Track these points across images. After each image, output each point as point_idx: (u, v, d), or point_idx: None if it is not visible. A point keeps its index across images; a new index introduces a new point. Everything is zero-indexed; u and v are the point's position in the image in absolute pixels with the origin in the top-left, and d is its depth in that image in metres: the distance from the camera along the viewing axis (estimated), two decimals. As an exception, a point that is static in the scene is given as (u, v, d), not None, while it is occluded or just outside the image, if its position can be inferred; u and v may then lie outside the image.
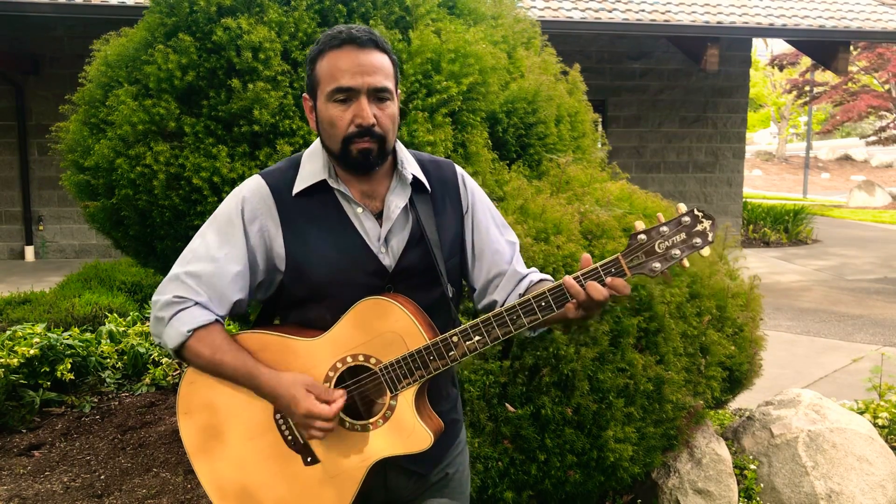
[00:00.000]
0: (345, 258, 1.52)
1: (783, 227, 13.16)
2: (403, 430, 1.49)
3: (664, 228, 1.40)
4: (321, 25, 3.04)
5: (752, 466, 3.18)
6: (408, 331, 1.48)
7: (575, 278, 1.42)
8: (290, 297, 1.57)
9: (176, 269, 1.53)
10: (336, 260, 1.52)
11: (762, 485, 3.14)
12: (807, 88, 26.13)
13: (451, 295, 1.59)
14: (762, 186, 27.50)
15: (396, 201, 1.55)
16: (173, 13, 2.98)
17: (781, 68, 27.73)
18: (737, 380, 3.21)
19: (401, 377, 1.48)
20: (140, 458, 3.75)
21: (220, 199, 2.84)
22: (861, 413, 3.74)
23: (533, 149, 3.39)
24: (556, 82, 3.67)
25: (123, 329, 5.21)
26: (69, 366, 4.44)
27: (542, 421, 2.56)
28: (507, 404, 2.54)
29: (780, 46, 27.02)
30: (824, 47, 10.94)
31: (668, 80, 11.97)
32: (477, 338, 1.46)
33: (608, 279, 1.41)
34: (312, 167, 1.55)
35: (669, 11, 10.02)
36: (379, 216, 1.55)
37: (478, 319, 1.46)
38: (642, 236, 1.41)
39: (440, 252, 1.57)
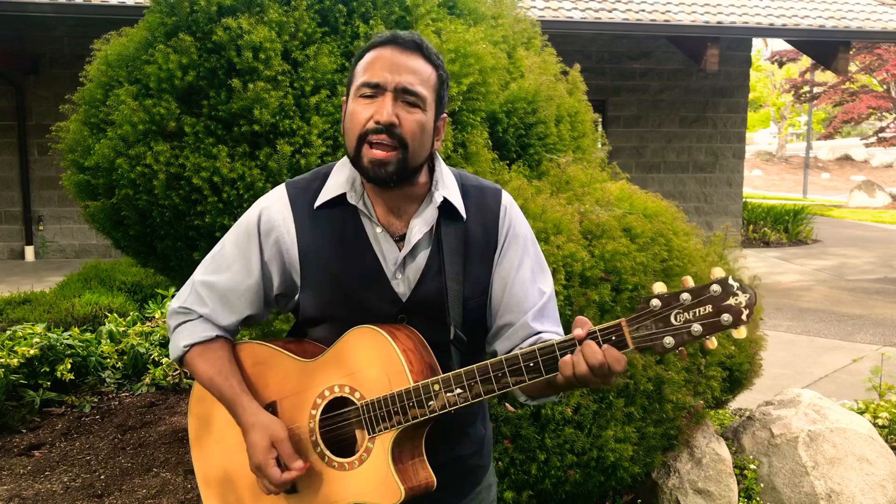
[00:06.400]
0: (355, 280, 1.41)
1: (783, 228, 13.16)
2: (374, 478, 1.35)
3: (685, 296, 1.17)
4: (321, 25, 3.04)
5: (752, 466, 3.18)
6: (394, 369, 1.33)
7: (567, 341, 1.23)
8: (303, 313, 1.49)
9: (195, 274, 1.51)
10: (346, 281, 1.42)
11: (762, 485, 3.14)
12: (805, 89, 26.14)
13: (457, 339, 1.41)
14: (762, 186, 27.51)
15: (420, 225, 1.41)
16: (173, 13, 2.99)
17: (781, 65, 27.72)
18: (737, 380, 3.21)
19: (378, 420, 1.34)
20: (140, 458, 3.75)
21: (220, 199, 2.86)
22: (861, 413, 3.74)
23: (533, 149, 3.39)
24: (556, 82, 3.67)
25: (123, 329, 5.20)
26: (69, 366, 4.43)
27: (541, 421, 2.56)
28: (506, 404, 2.54)
29: (781, 44, 27.01)
30: (824, 47, 10.95)
31: (668, 80, 11.98)
32: (458, 391, 1.28)
33: (603, 347, 1.20)
34: (337, 179, 1.44)
35: (669, 11, 10.03)
36: (402, 240, 1.43)
37: (462, 370, 1.29)
38: (656, 301, 1.19)
39: (457, 287, 1.41)
